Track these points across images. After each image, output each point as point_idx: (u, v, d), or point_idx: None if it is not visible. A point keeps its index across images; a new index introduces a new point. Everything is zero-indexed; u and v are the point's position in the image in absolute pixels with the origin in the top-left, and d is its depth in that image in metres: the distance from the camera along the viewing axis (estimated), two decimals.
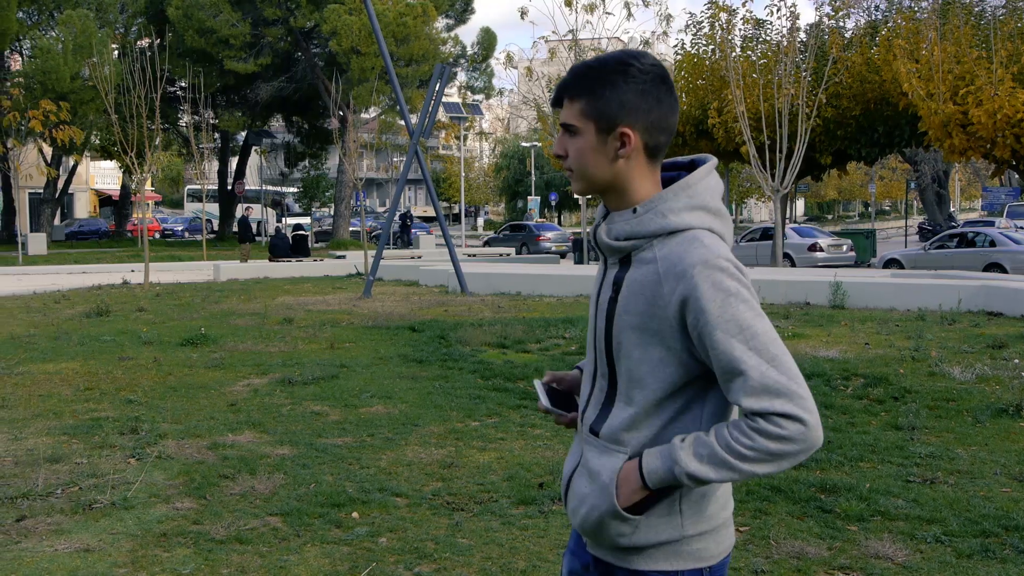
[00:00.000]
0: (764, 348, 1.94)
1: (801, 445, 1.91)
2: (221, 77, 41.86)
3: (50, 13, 40.56)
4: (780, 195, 22.97)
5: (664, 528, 2.10)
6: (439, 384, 9.23)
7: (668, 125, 2.15)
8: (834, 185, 75.23)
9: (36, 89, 34.96)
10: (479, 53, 47.11)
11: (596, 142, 2.11)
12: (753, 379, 1.92)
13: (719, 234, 2.10)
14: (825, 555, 4.78)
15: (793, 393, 1.91)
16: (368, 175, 71.36)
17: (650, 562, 2.12)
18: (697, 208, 2.11)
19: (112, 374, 9.98)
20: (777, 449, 1.91)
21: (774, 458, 1.92)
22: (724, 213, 2.17)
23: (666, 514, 2.10)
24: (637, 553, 2.13)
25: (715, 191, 2.18)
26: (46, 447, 7.02)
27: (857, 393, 8.42)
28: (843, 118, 24.64)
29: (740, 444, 1.92)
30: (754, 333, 1.95)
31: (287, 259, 29.43)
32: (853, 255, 29.80)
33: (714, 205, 2.15)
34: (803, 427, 1.91)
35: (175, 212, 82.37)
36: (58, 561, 4.83)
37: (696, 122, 27.03)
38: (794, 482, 5.85)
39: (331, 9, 37.61)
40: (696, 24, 27.16)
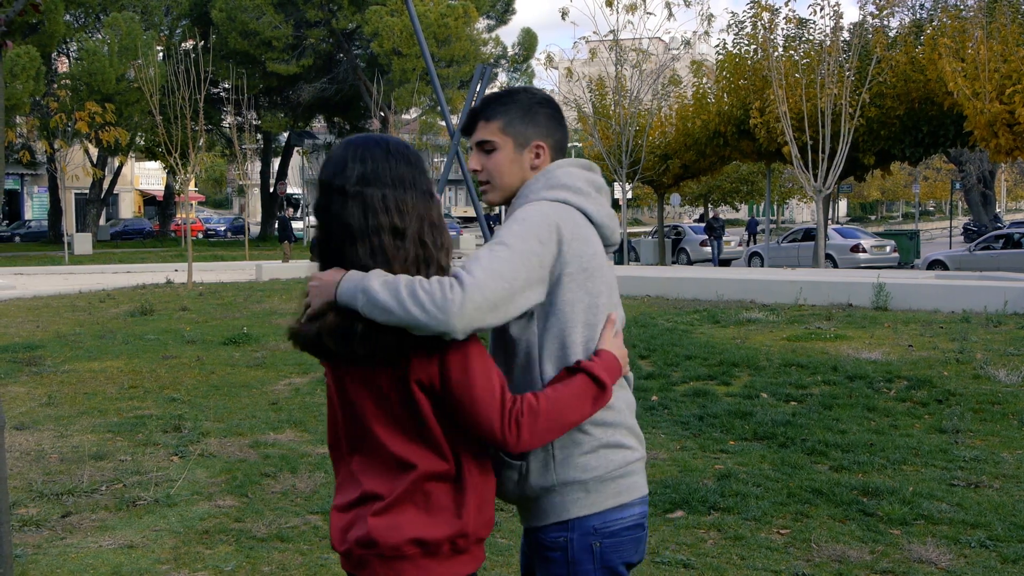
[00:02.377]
0: (497, 252, 2.20)
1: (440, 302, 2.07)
2: (264, 78, 42.19)
3: (96, 16, 41.06)
4: (822, 195, 22.79)
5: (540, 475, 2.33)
6: None
7: (564, 145, 2.56)
8: (877, 185, 74.46)
9: (82, 91, 35.38)
10: (520, 54, 47.14)
11: (513, 155, 2.47)
12: (469, 258, 2.20)
13: (575, 205, 2.41)
14: (867, 559, 4.74)
15: (473, 271, 2.14)
16: None
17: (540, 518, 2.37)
18: (554, 187, 2.43)
19: (156, 373, 10.09)
20: (427, 298, 2.08)
21: (420, 306, 2.07)
22: (585, 191, 2.45)
23: (542, 463, 2.33)
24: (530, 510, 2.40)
25: (576, 176, 2.47)
26: (91, 444, 7.11)
27: (900, 395, 8.33)
28: (887, 118, 24.38)
29: (416, 284, 2.11)
30: (502, 243, 2.22)
31: None
32: (897, 256, 29.50)
33: (573, 184, 2.45)
34: (455, 290, 2.09)
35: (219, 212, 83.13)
36: (102, 557, 4.89)
37: (738, 122, 26.85)
38: (836, 485, 5.80)
39: (373, 10, 37.79)
40: (738, 24, 26.99)
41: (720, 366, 9.67)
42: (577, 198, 2.42)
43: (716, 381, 9.15)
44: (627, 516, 2.39)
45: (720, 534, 5.11)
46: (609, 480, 2.36)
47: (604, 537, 2.34)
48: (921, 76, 23.32)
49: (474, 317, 2.11)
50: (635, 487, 2.42)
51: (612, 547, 2.35)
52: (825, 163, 22.13)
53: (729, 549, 4.89)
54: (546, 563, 2.37)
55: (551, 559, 2.36)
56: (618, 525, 2.37)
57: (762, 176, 43.75)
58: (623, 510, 2.38)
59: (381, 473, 2.23)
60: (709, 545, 4.96)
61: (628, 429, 2.46)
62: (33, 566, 4.77)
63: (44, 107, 35.30)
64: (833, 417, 7.62)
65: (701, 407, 8.06)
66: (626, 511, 2.38)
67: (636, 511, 2.41)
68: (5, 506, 3.69)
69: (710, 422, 7.55)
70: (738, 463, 6.42)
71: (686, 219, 72.00)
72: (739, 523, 5.25)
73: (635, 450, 2.45)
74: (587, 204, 2.43)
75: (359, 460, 2.29)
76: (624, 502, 2.38)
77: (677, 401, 8.36)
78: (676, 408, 8.11)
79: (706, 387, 8.87)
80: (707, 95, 29.03)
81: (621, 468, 2.38)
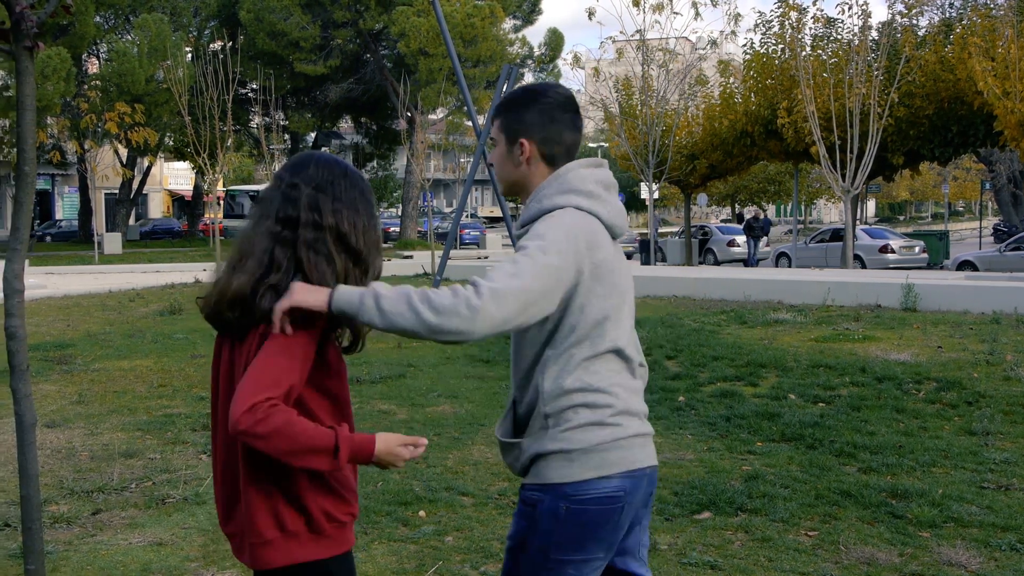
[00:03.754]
0: (518, 262, 2.39)
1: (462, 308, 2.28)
2: (291, 79, 42.34)
3: (126, 17, 41.33)
4: (851, 196, 22.66)
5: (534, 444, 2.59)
6: (505, 384, 9.25)
7: (562, 139, 2.68)
8: (906, 186, 73.91)
9: (112, 92, 35.63)
10: (546, 54, 47.08)
11: (505, 151, 2.70)
12: (493, 267, 2.41)
13: (586, 210, 2.58)
14: (896, 561, 4.71)
15: (491, 277, 2.35)
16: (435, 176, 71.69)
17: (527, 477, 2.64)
18: (566, 192, 2.60)
19: (184, 371, 10.16)
20: (444, 304, 2.28)
21: (437, 312, 2.28)
22: (596, 194, 2.62)
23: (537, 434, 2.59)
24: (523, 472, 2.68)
25: (586, 179, 2.63)
26: (121, 442, 7.17)
27: (929, 397, 8.28)
28: (916, 117, 24.20)
29: (430, 292, 2.31)
30: (527, 254, 2.42)
31: None
32: (925, 257, 29.30)
33: (584, 188, 2.61)
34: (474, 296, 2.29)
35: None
36: (132, 554, 4.93)
37: (765, 122, 26.73)
38: (864, 487, 5.78)
39: (400, 11, 37.86)
40: (766, 23, 26.86)
41: (747, 367, 9.64)
42: (589, 202, 2.60)
43: (743, 382, 9.13)
44: (602, 487, 2.53)
45: (748, 535, 5.10)
46: (593, 453, 2.53)
47: (572, 503, 2.52)
48: (951, 75, 23.13)
49: (494, 324, 2.34)
50: (621, 461, 2.57)
51: (576, 513, 2.53)
52: (853, 163, 22.00)
53: (757, 551, 4.88)
54: (518, 515, 2.65)
55: (522, 512, 2.63)
56: (590, 495, 2.52)
57: (789, 176, 43.58)
58: (600, 482, 2.53)
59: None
60: (736, 546, 4.95)
61: (623, 411, 2.61)
62: (64, 563, 4.81)
63: (75, 108, 35.59)
64: (862, 419, 7.58)
65: (728, 408, 8.04)
66: (602, 483, 2.53)
67: (614, 484, 2.54)
68: (36, 503, 3.73)
69: (737, 423, 7.53)
70: (766, 464, 6.40)
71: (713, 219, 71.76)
72: (767, 524, 5.23)
73: (626, 427, 2.60)
74: (598, 208, 2.61)
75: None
76: (604, 474, 2.54)
77: (704, 402, 8.35)
78: (703, 409, 8.09)
79: (733, 388, 8.84)
80: (734, 95, 28.92)
81: (608, 443, 2.55)
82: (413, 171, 38.09)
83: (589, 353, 2.54)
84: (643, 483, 2.63)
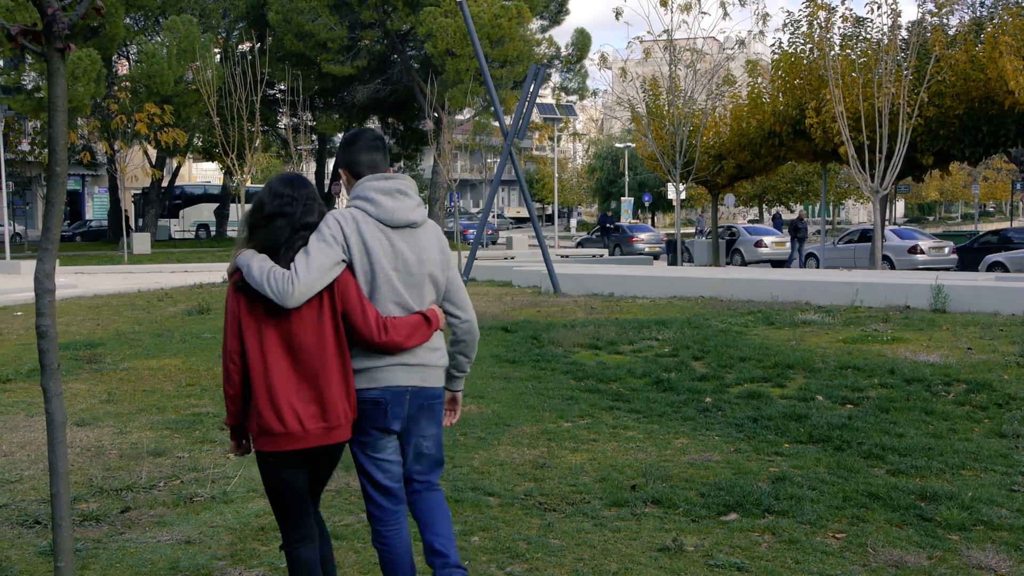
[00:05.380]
0: (309, 252, 3.61)
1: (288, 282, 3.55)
2: (319, 80, 42.52)
3: (155, 19, 41.61)
4: (879, 196, 22.50)
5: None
6: (532, 384, 9.25)
7: (356, 160, 3.99)
8: (936, 186, 73.34)
9: (142, 93, 35.88)
10: (573, 54, 47.03)
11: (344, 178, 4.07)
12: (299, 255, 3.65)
13: (363, 209, 3.81)
14: (925, 564, 4.68)
15: (299, 268, 3.57)
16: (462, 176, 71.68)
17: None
18: (355, 198, 3.87)
19: (212, 371, 10.21)
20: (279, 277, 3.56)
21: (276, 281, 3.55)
22: (370, 197, 3.83)
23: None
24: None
25: (366, 188, 3.87)
26: (149, 441, 7.22)
27: (959, 399, 8.21)
28: (946, 117, 24.00)
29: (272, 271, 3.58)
30: (311, 244, 3.65)
31: None
32: (955, 257, 29.07)
33: (363, 194, 3.84)
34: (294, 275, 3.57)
35: None
36: (160, 552, 4.97)
37: (793, 122, 26.58)
38: (893, 489, 5.74)
39: (427, 12, 37.94)
40: (794, 23, 26.69)
41: (775, 368, 9.59)
42: (363, 203, 3.82)
43: (771, 383, 9.09)
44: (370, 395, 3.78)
45: (775, 537, 5.07)
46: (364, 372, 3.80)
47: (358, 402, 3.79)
48: (981, 75, 22.92)
49: (301, 296, 3.56)
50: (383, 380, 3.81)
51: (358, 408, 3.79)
52: (882, 163, 21.84)
53: (784, 553, 4.86)
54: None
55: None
56: (363, 398, 3.78)
57: (818, 176, 43.36)
58: (370, 391, 3.78)
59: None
60: (763, 548, 4.93)
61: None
62: (93, 560, 4.85)
63: (105, 109, 35.89)
64: (890, 420, 7.53)
65: (755, 409, 8.00)
66: (371, 392, 3.78)
67: (376, 393, 3.78)
68: (66, 501, 3.76)
69: (764, 424, 7.50)
70: (793, 466, 6.37)
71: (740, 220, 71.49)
72: (794, 526, 5.21)
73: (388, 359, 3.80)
74: (368, 206, 3.81)
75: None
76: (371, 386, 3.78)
77: (731, 403, 8.32)
78: (730, 410, 8.06)
79: (760, 389, 8.80)
80: (762, 95, 28.79)
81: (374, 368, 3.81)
82: (440, 171, 38.15)
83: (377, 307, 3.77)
84: (405, 396, 3.81)
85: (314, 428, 3.60)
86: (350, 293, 3.69)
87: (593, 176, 75.15)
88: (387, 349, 3.73)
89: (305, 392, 3.60)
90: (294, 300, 3.51)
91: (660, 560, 4.78)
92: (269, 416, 3.55)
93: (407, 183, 3.88)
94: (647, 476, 6.12)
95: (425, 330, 3.82)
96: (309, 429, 3.58)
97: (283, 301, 3.50)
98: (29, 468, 6.51)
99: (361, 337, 3.69)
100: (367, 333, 3.69)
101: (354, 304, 3.69)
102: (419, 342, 3.80)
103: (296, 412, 3.56)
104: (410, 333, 3.77)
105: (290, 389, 3.58)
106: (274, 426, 3.55)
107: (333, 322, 3.65)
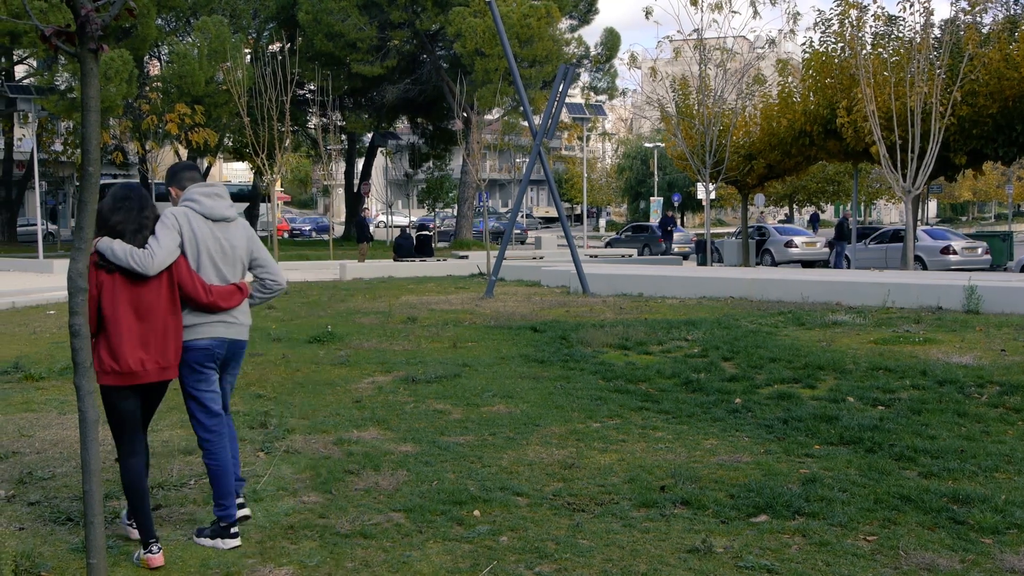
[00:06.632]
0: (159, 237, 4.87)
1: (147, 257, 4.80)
2: (348, 80, 42.66)
3: (186, 20, 41.89)
4: (911, 196, 22.32)
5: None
6: (560, 385, 9.24)
7: (181, 179, 5.35)
8: (969, 186, 72.68)
9: (173, 93, 36.12)
10: (603, 54, 46.96)
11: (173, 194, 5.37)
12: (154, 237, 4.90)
13: (192, 207, 5.12)
14: (957, 568, 4.63)
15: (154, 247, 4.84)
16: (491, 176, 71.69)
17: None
18: (185, 200, 5.17)
19: (243, 370, 10.23)
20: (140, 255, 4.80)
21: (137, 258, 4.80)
22: (199, 200, 5.16)
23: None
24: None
25: (192, 192, 5.19)
26: (180, 439, 7.27)
27: (992, 401, 8.13)
28: (979, 116, 23.75)
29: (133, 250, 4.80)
30: (157, 237, 4.86)
31: (411, 259, 29.83)
32: (988, 258, 28.78)
33: (190, 196, 5.18)
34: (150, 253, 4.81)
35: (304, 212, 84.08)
36: (191, 550, 5.00)
37: (824, 121, 26.40)
38: (925, 492, 5.69)
39: (456, 11, 37.99)
40: (825, 21, 26.50)
41: (805, 369, 9.54)
42: (191, 203, 5.14)
43: (801, 384, 9.03)
44: (198, 343, 5.07)
45: (805, 539, 5.04)
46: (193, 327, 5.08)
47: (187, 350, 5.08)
48: (1015, 73, 22.69)
49: (159, 266, 4.80)
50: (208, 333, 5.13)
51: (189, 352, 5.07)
52: (914, 163, 21.66)
53: (814, 555, 4.82)
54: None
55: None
56: (193, 346, 5.05)
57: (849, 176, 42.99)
58: (198, 340, 5.07)
59: None
60: (794, 551, 4.90)
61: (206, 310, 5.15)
62: (125, 557, 4.89)
63: (136, 109, 36.17)
64: (922, 422, 7.46)
65: (785, 410, 7.96)
66: (199, 341, 5.06)
67: (204, 343, 5.08)
68: (99, 498, 3.79)
69: (795, 425, 7.45)
70: (824, 468, 6.32)
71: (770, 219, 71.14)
72: (825, 529, 5.17)
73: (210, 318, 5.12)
74: (195, 205, 5.13)
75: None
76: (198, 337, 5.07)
77: (761, 404, 8.27)
78: (760, 411, 8.02)
79: (790, 390, 8.75)
80: (793, 94, 28.61)
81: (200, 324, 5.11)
82: (469, 171, 38.19)
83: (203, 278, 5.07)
84: (225, 344, 5.14)
85: (152, 368, 4.80)
86: (182, 268, 4.95)
87: (622, 176, 74.99)
88: (211, 309, 5.05)
89: (148, 341, 4.80)
90: (154, 269, 4.77)
91: (689, 561, 4.76)
92: (119, 359, 4.72)
93: (222, 189, 5.29)
94: (676, 477, 6.10)
95: (239, 296, 5.19)
96: (148, 369, 4.79)
97: (146, 271, 4.74)
98: (62, 465, 6.57)
99: (192, 300, 4.97)
100: (196, 296, 4.97)
101: (186, 276, 4.95)
102: (234, 304, 5.16)
103: (140, 358, 4.76)
104: (228, 297, 5.12)
105: (135, 339, 4.76)
106: (121, 367, 4.72)
107: (170, 290, 4.88)
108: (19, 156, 45.98)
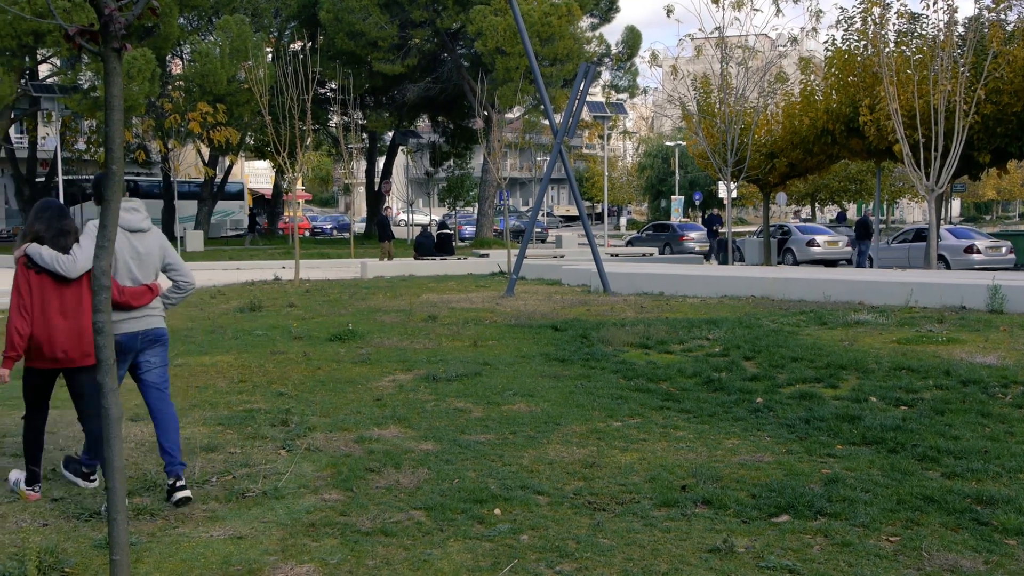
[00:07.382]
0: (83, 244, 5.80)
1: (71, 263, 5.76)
2: (369, 78, 42.74)
3: (209, 18, 42.05)
4: (935, 195, 22.18)
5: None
6: (581, 383, 9.23)
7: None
8: (993, 185, 72.27)
9: (195, 92, 36.26)
10: (624, 52, 46.87)
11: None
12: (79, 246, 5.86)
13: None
14: (981, 569, 4.60)
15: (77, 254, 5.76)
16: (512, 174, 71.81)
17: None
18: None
19: (264, 367, 10.31)
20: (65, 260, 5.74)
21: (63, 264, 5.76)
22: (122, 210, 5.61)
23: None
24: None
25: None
26: (202, 436, 7.30)
27: (1016, 401, 8.07)
28: (1003, 115, 23.58)
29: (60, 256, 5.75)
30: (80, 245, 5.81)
31: (432, 257, 29.86)
32: (1012, 257, 28.58)
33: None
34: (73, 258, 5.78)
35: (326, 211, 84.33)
36: (212, 547, 5.02)
37: (847, 120, 26.27)
38: (948, 492, 5.65)
39: (477, 10, 37.99)
40: (847, 19, 26.38)
41: (827, 368, 9.49)
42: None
43: (823, 384, 8.99)
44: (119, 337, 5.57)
45: (827, 540, 5.02)
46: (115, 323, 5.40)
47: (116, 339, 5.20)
48: None
49: (80, 270, 5.60)
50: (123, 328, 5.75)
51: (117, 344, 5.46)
52: (938, 161, 21.53)
53: (836, 555, 4.80)
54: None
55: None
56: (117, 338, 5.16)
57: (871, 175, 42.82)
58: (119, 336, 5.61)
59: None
60: (816, 551, 4.87)
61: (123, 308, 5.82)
62: (147, 554, 4.91)
63: (159, 108, 36.35)
64: (945, 423, 7.41)
65: (807, 410, 7.92)
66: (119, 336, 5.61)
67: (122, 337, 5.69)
68: (122, 495, 3.81)
69: (816, 425, 7.42)
70: (846, 468, 6.29)
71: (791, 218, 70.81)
72: (847, 529, 5.15)
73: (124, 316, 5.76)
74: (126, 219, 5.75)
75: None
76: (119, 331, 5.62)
77: (783, 403, 8.24)
78: (781, 411, 7.99)
79: (812, 390, 8.71)
80: (815, 92, 28.48)
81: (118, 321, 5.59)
82: (489, 170, 38.20)
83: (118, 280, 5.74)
84: (137, 337, 5.83)
85: (76, 356, 5.75)
86: None
87: (643, 174, 74.83)
88: (124, 307, 5.71)
89: (71, 333, 5.73)
90: (76, 273, 5.68)
91: (711, 561, 4.74)
92: (46, 349, 5.68)
93: (139, 203, 5.98)
94: (697, 476, 6.08)
95: (149, 296, 5.90)
96: (72, 357, 5.75)
97: (69, 274, 5.67)
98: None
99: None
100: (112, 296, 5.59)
101: None
102: (145, 303, 5.87)
103: (64, 348, 5.71)
104: (139, 296, 5.83)
105: (60, 332, 5.69)
106: (47, 355, 5.71)
107: (89, 291, 5.20)
108: (42, 155, 46.32)
